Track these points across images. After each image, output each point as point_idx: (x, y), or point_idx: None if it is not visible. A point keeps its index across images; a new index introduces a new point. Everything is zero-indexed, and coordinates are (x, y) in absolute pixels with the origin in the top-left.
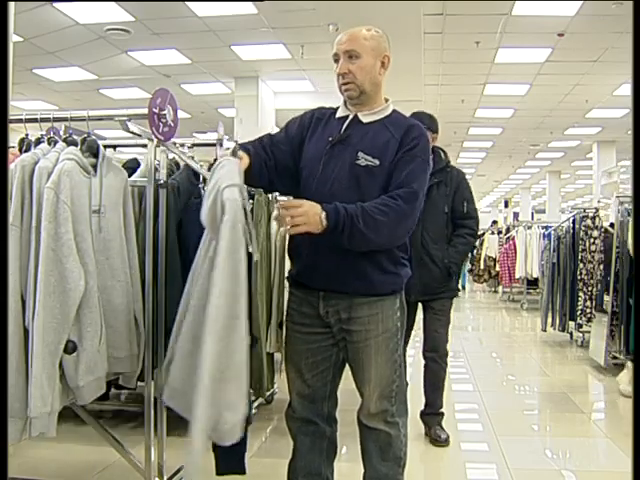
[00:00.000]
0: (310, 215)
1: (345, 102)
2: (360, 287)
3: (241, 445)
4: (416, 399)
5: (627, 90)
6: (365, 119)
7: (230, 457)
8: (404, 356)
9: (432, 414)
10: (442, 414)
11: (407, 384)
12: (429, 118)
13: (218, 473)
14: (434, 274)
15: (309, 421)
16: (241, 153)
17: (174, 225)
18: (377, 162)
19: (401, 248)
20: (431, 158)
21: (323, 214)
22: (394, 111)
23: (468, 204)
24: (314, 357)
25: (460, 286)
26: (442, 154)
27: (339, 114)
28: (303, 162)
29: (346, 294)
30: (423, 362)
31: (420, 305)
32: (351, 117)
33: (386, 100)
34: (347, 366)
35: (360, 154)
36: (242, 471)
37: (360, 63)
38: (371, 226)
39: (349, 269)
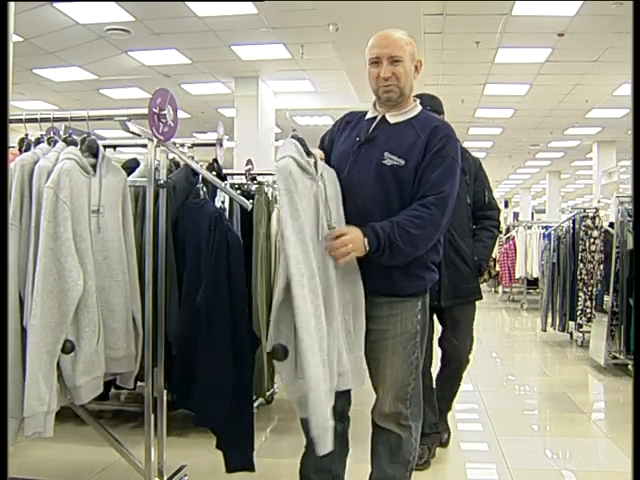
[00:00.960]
0: (355, 242)
1: (375, 104)
2: (381, 287)
3: (250, 443)
4: None
5: (627, 90)
6: (392, 119)
7: (240, 454)
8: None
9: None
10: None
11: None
12: (431, 99)
13: (228, 470)
14: (464, 274)
15: None
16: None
17: (170, 224)
18: (402, 162)
19: (433, 251)
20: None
21: (366, 240)
22: (422, 111)
23: (489, 193)
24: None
25: None
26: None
27: (368, 115)
28: (332, 161)
29: (367, 292)
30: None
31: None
32: (379, 118)
33: (414, 100)
34: None
35: (386, 154)
36: (252, 468)
37: (403, 67)
38: (408, 241)
39: (373, 270)
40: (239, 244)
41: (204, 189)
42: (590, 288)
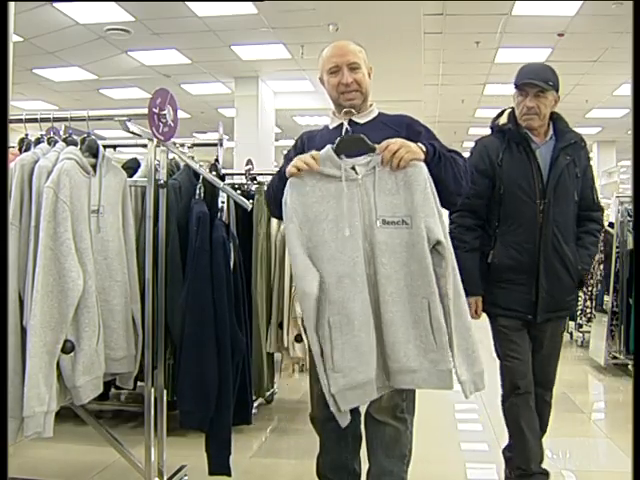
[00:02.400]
0: (407, 144)
1: (334, 113)
2: None
3: (227, 448)
4: None
5: (627, 90)
6: (361, 120)
7: (218, 459)
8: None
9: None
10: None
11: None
12: (553, 73)
13: (210, 473)
14: (565, 284)
15: (333, 418)
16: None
17: (175, 225)
18: None
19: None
20: (551, 127)
21: (420, 144)
22: (379, 111)
23: (595, 192)
24: None
25: None
26: (565, 122)
27: (333, 125)
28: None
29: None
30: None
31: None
32: (347, 121)
33: (370, 104)
34: None
35: None
36: (228, 473)
37: (361, 73)
38: (454, 162)
39: None
40: (223, 245)
41: (202, 189)
42: (590, 288)
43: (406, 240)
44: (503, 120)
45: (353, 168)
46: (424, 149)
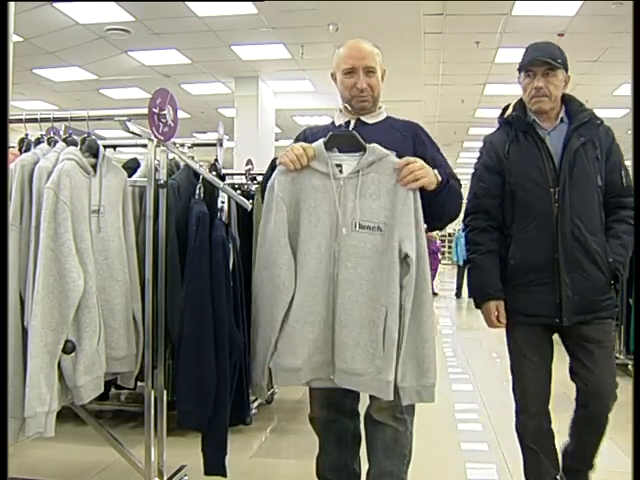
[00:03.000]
0: (427, 169)
1: (341, 110)
2: None
3: (223, 448)
4: None
5: (627, 90)
6: (370, 120)
7: (214, 459)
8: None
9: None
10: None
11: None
12: (560, 51)
13: (205, 473)
14: (595, 280)
15: (333, 419)
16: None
17: (174, 225)
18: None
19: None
20: (563, 109)
21: (435, 171)
22: (387, 115)
23: (626, 174)
24: None
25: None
26: (578, 102)
27: (339, 122)
28: None
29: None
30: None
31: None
32: (354, 120)
33: (379, 107)
34: None
35: None
36: (223, 474)
37: (376, 78)
38: (456, 190)
39: None
40: (223, 245)
41: (201, 189)
42: None
43: (377, 247)
44: (510, 111)
45: (340, 165)
46: (439, 179)
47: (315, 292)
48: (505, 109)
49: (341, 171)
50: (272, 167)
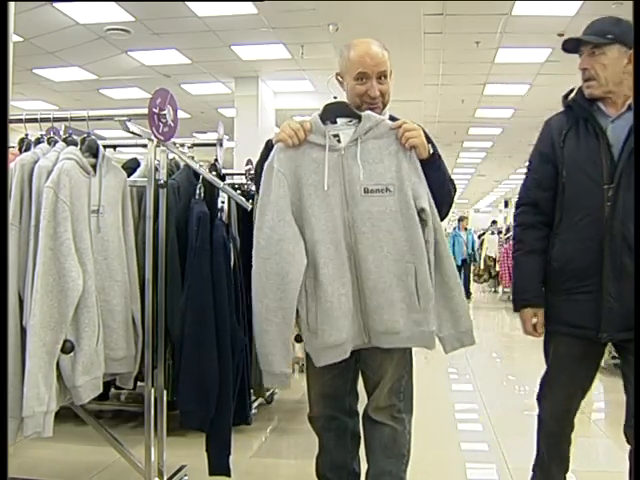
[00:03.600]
0: (419, 133)
1: None
2: None
3: (227, 448)
4: None
5: None
6: None
7: (218, 459)
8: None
9: None
10: None
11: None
12: (617, 23)
13: (210, 473)
14: None
15: (332, 418)
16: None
17: (174, 225)
18: None
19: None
20: (629, 104)
21: (429, 145)
22: (390, 115)
23: None
24: None
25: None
26: None
27: None
28: None
29: None
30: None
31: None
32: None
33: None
34: None
35: None
36: (227, 474)
37: (388, 83)
38: (446, 170)
39: None
40: (223, 245)
41: (201, 189)
42: None
43: (390, 207)
44: (573, 95)
45: (337, 136)
46: (431, 151)
47: (341, 263)
48: (571, 91)
49: (339, 141)
50: (267, 148)
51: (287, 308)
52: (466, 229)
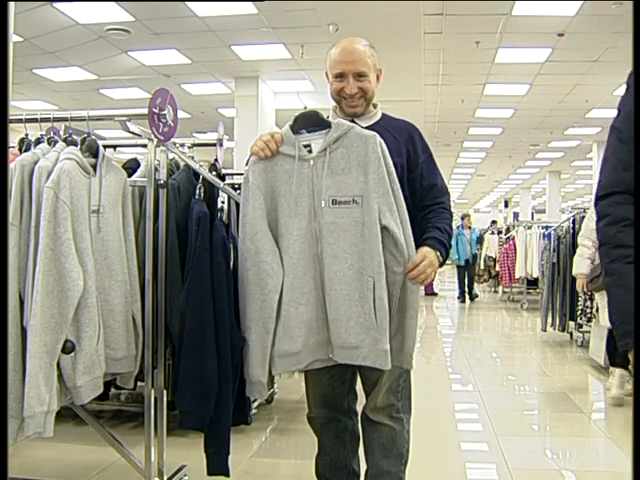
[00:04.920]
0: (433, 264)
1: (334, 109)
2: None
3: (226, 448)
4: None
5: None
6: (364, 123)
7: (217, 459)
8: None
9: None
10: None
11: None
12: None
13: (209, 473)
14: None
15: (331, 418)
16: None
17: (174, 225)
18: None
19: None
20: None
21: (437, 253)
22: (383, 114)
23: None
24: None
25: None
26: None
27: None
28: None
29: None
30: None
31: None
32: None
33: (374, 106)
34: None
35: None
36: (226, 474)
37: (368, 81)
38: (449, 241)
39: None
40: (223, 245)
41: (201, 189)
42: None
43: (356, 219)
44: None
45: (309, 145)
46: (441, 260)
47: (303, 273)
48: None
49: (310, 151)
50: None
51: (267, 317)
52: (470, 227)
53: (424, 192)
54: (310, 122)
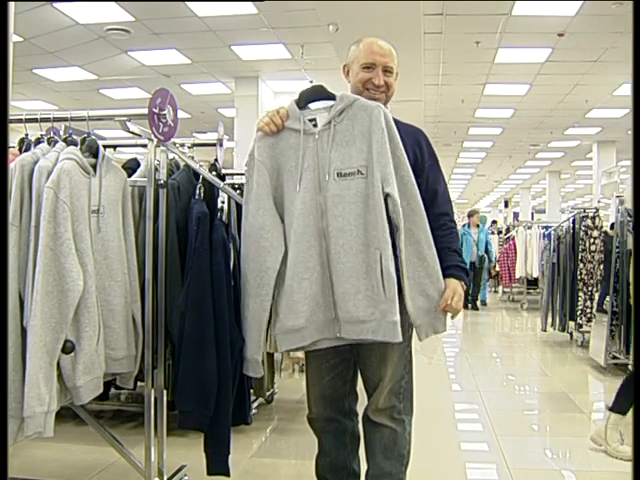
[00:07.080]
0: (460, 294)
1: None
2: None
3: (226, 448)
4: None
5: (627, 90)
6: None
7: (217, 459)
8: None
9: None
10: None
11: None
12: None
13: (208, 473)
14: None
15: (332, 419)
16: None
17: (174, 225)
18: None
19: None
20: None
21: (462, 282)
22: (393, 117)
23: None
24: (333, 359)
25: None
26: None
27: None
28: None
29: None
30: None
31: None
32: None
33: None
34: None
35: None
36: (227, 473)
37: (393, 78)
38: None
39: None
40: (223, 245)
41: (201, 189)
42: (590, 288)
43: (361, 190)
44: None
45: (314, 119)
46: (464, 287)
47: (307, 247)
48: None
49: (315, 125)
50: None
51: (264, 295)
52: (478, 226)
53: (428, 199)
54: (315, 96)
